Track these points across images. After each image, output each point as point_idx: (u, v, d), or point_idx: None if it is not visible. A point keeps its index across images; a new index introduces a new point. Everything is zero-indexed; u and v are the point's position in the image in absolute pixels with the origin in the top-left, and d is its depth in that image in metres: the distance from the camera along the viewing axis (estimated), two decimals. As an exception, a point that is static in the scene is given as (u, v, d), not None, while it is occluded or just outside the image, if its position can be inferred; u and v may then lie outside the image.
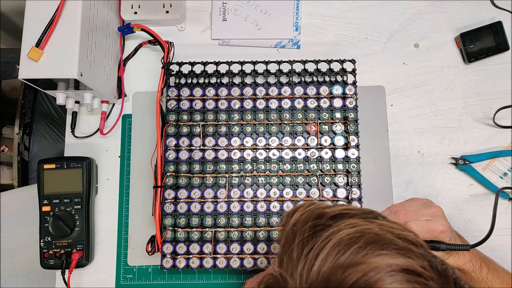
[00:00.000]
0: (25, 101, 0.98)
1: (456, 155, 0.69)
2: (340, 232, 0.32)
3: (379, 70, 0.72)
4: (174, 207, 0.63)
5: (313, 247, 0.31)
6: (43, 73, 0.56)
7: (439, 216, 0.52)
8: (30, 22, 0.57)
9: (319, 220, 0.34)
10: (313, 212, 0.35)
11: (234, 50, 0.73)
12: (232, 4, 0.74)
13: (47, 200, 0.64)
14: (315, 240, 0.32)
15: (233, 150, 0.64)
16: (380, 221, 0.34)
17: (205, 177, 0.63)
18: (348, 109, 0.64)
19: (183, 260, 0.61)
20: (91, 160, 0.67)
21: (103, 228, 0.68)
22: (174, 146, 0.64)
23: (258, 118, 0.65)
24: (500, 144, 0.69)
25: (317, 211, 0.35)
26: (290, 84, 0.66)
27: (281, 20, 0.73)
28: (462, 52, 0.71)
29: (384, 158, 0.69)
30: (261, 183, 0.63)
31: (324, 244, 0.31)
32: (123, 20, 0.72)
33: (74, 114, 0.69)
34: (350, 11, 0.74)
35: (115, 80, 0.71)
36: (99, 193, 0.69)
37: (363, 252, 0.30)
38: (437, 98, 0.71)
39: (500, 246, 0.65)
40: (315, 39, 0.73)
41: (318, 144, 0.64)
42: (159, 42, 0.69)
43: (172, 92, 0.66)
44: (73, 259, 0.62)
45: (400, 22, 0.73)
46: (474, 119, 0.70)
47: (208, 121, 0.65)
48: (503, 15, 0.71)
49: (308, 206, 0.37)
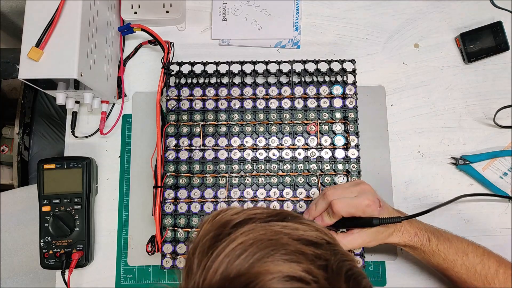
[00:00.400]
0: (25, 101, 0.98)
1: (456, 155, 0.69)
2: (234, 241, 0.32)
3: (379, 70, 0.72)
4: (174, 207, 0.63)
5: (210, 258, 0.32)
6: (43, 73, 0.56)
7: (366, 191, 0.53)
8: (30, 22, 0.57)
9: (223, 229, 0.34)
10: (219, 221, 0.35)
11: (234, 50, 0.73)
12: (232, 4, 0.74)
13: (47, 200, 0.64)
14: (213, 251, 0.32)
15: (233, 150, 0.64)
16: (283, 223, 0.34)
17: (205, 177, 0.63)
18: (348, 109, 0.64)
19: (183, 260, 0.61)
20: (91, 160, 0.67)
21: (103, 228, 0.68)
22: (174, 146, 0.64)
23: (258, 118, 0.65)
24: (500, 144, 0.69)
25: (223, 220, 0.35)
26: (290, 84, 0.66)
27: (281, 20, 0.73)
28: (462, 52, 0.71)
29: (384, 158, 0.69)
30: (261, 183, 0.63)
31: (218, 255, 0.31)
32: (123, 20, 0.72)
33: (74, 114, 0.69)
34: (350, 11, 0.74)
35: (115, 80, 0.71)
36: (99, 193, 0.69)
37: (251, 260, 0.30)
38: (437, 98, 0.71)
39: (500, 246, 0.65)
40: (315, 39, 0.73)
41: (318, 144, 0.64)
42: (159, 42, 0.69)
43: (172, 92, 0.66)
44: (73, 259, 0.62)
45: (400, 22, 0.73)
46: (474, 119, 0.70)
47: (208, 121, 0.65)
48: (503, 15, 0.71)
49: (216, 215, 0.36)
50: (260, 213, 0.35)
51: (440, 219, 0.65)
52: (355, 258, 0.36)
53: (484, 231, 0.67)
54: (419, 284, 0.65)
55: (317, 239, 0.33)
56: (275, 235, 0.32)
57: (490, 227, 0.67)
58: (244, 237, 0.32)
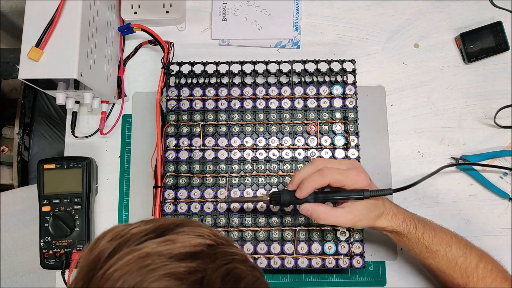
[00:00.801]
0: (25, 101, 0.98)
1: (456, 155, 0.69)
2: (104, 278, 0.30)
3: (379, 70, 0.72)
4: (174, 207, 0.63)
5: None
6: (43, 73, 0.56)
7: (357, 166, 0.53)
8: (30, 22, 0.57)
9: (97, 263, 0.31)
10: (92, 254, 0.32)
11: (234, 50, 0.73)
12: (232, 4, 0.74)
13: (47, 200, 0.64)
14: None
15: (233, 150, 0.64)
16: (159, 238, 0.32)
17: (205, 177, 0.63)
18: (348, 109, 0.64)
19: (183, 260, 0.61)
20: (91, 160, 0.67)
21: (103, 228, 0.66)
22: (174, 146, 0.64)
23: (258, 118, 0.65)
24: (500, 144, 0.69)
25: (95, 252, 0.32)
26: (290, 84, 0.66)
27: (281, 20, 0.73)
28: (462, 52, 0.71)
29: (384, 158, 0.69)
30: (261, 183, 0.63)
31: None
32: (123, 20, 0.72)
33: (74, 114, 0.69)
34: (350, 11, 0.74)
35: (115, 80, 0.71)
36: (99, 193, 0.69)
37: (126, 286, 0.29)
38: (437, 98, 0.71)
39: (500, 246, 0.65)
40: (315, 39, 0.73)
41: (318, 144, 0.64)
42: (159, 42, 0.69)
43: (172, 92, 0.66)
44: (73, 259, 0.62)
45: (400, 22, 0.73)
46: (474, 119, 0.70)
47: (208, 121, 0.65)
48: (503, 15, 0.71)
49: (92, 246, 0.33)
50: (136, 233, 0.33)
51: (441, 219, 0.65)
52: (245, 253, 0.35)
53: (484, 231, 0.67)
54: (419, 284, 0.65)
55: (196, 248, 0.32)
56: (145, 260, 0.30)
57: (490, 227, 0.67)
58: (113, 271, 0.30)
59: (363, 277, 0.65)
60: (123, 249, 0.32)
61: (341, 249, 0.60)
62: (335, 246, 0.60)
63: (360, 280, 0.65)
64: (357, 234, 0.60)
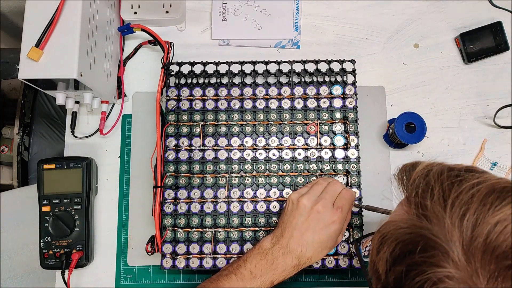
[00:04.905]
0: (25, 101, 0.98)
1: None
2: (483, 184, 0.31)
3: (379, 70, 0.72)
4: (174, 207, 0.63)
5: (457, 198, 0.31)
6: (43, 73, 0.56)
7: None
8: (30, 22, 0.57)
9: (453, 171, 0.33)
10: (443, 165, 0.35)
11: (234, 50, 0.73)
12: (232, 4, 0.74)
13: (47, 200, 0.64)
14: (458, 190, 0.31)
15: (233, 150, 0.64)
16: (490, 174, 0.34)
17: (205, 177, 0.63)
18: (348, 109, 0.64)
19: (183, 260, 0.61)
20: (91, 160, 0.67)
21: (103, 228, 0.68)
22: (174, 146, 0.64)
23: (258, 118, 0.65)
24: (500, 144, 0.69)
25: (445, 165, 0.35)
26: (290, 84, 0.66)
27: (281, 20, 0.73)
28: (462, 52, 0.71)
29: (384, 158, 0.69)
30: (261, 183, 0.63)
31: (469, 197, 0.30)
32: (123, 20, 0.72)
33: (74, 114, 0.69)
34: (350, 11, 0.74)
35: (115, 80, 0.71)
36: (99, 193, 0.69)
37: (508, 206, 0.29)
38: (437, 98, 0.71)
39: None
40: (315, 39, 0.73)
41: (318, 144, 0.64)
42: (159, 42, 0.69)
43: (172, 92, 0.66)
44: (73, 259, 0.62)
45: (400, 22, 0.73)
46: (474, 119, 0.70)
47: (208, 121, 0.65)
48: (503, 15, 0.71)
49: (430, 162, 0.36)
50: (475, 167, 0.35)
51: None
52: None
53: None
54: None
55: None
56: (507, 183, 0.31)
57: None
58: (488, 183, 0.31)
59: (362, 277, 0.65)
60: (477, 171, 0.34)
61: (341, 249, 0.60)
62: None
63: (360, 280, 0.65)
64: (357, 234, 0.60)
